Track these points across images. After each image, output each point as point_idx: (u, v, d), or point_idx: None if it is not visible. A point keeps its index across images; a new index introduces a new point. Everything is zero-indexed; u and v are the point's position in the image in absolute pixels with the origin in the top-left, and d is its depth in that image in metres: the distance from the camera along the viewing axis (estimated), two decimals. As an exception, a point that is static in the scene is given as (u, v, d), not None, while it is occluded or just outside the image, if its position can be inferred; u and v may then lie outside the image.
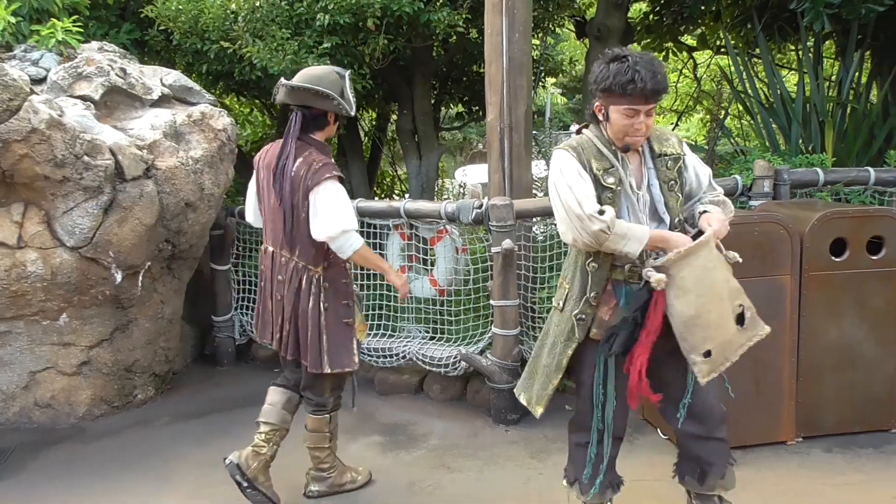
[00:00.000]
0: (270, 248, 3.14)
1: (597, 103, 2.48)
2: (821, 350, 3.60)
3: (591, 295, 2.49)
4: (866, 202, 4.35)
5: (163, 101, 4.63)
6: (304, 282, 3.05)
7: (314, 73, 3.06)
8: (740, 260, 2.45)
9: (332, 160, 3.10)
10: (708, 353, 2.35)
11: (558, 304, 2.61)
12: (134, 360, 4.46)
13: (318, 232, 2.97)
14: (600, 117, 2.48)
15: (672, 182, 2.53)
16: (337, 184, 3.00)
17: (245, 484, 3.21)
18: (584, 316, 2.51)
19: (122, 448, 3.97)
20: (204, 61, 5.17)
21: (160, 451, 3.91)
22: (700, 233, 2.45)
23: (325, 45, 4.84)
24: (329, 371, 3.09)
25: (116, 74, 4.40)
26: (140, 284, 4.33)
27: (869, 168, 4.40)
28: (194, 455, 3.86)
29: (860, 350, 3.65)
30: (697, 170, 2.65)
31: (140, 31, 5.39)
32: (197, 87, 4.89)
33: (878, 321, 3.63)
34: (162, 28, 5.13)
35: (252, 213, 3.34)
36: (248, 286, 5.24)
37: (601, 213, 2.33)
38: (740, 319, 2.42)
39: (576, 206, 2.35)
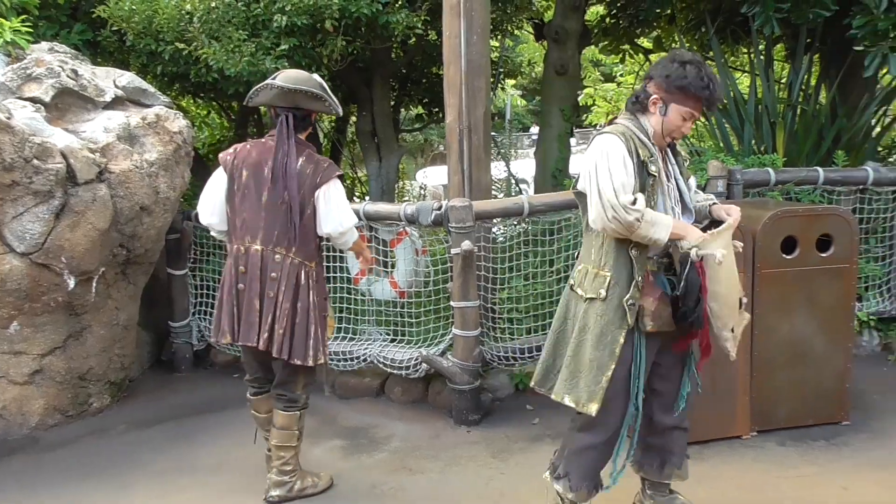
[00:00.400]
0: (257, 247, 3.11)
1: (655, 96, 2.54)
2: (773, 346, 3.68)
3: (639, 279, 2.54)
4: (815, 201, 4.47)
5: (116, 104, 4.55)
6: (301, 277, 3.13)
7: (299, 76, 3.15)
8: (741, 249, 2.67)
9: None
10: (732, 330, 2.57)
11: (598, 293, 2.57)
12: (88, 368, 4.36)
13: (330, 227, 3.13)
14: (653, 110, 2.56)
15: (686, 179, 2.71)
16: (340, 182, 3.19)
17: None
18: (634, 301, 2.54)
19: (78, 458, 3.88)
20: (159, 63, 5.08)
21: (117, 461, 3.84)
22: (712, 223, 2.62)
23: (282, 47, 4.80)
24: (312, 363, 3.15)
25: (68, 76, 4.31)
26: (94, 290, 4.24)
27: (818, 168, 4.53)
28: (153, 463, 3.79)
29: (811, 345, 3.74)
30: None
31: (92, 31, 5.28)
32: (151, 88, 4.81)
33: (827, 317, 3.73)
34: (115, 29, 5.04)
35: (215, 214, 3.27)
36: (206, 291, 5.17)
37: (634, 202, 2.42)
38: (740, 303, 2.62)
39: (611, 195, 2.43)
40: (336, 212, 3.14)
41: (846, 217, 3.76)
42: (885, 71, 4.86)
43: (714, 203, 2.76)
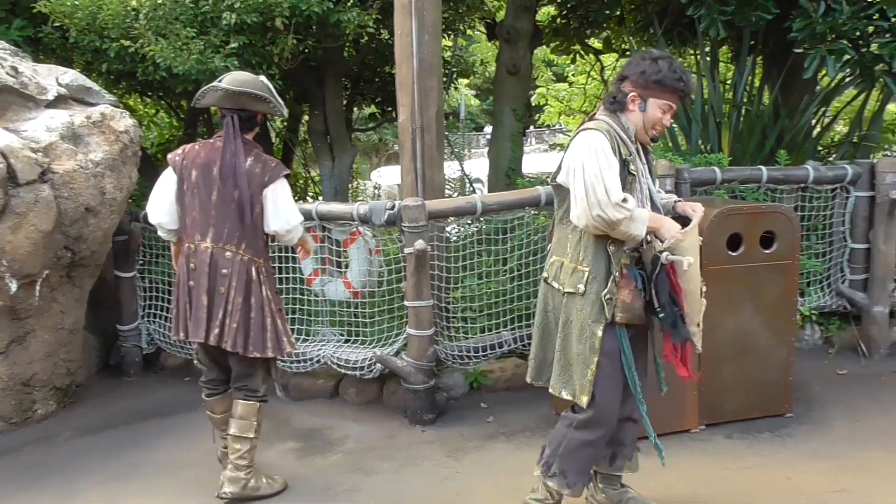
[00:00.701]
0: (206, 245, 3.17)
1: (633, 93, 2.61)
2: (720, 341, 3.77)
3: (616, 274, 2.60)
4: (759, 199, 4.59)
5: (59, 102, 4.42)
6: (252, 273, 3.20)
7: (245, 78, 3.23)
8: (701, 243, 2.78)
9: None
10: (698, 325, 2.66)
11: (576, 288, 2.64)
12: (32, 374, 4.24)
13: (278, 225, 3.22)
14: (633, 107, 2.63)
15: (654, 177, 2.78)
16: (287, 181, 3.29)
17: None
18: (611, 296, 2.60)
19: (22, 466, 3.78)
20: (104, 60, 4.96)
21: (64, 468, 3.74)
22: (676, 219, 2.67)
23: (232, 45, 4.73)
24: (272, 354, 3.23)
25: (7, 73, 4.18)
26: (37, 294, 4.12)
27: (762, 167, 4.64)
28: (101, 470, 3.71)
29: (756, 339, 3.85)
30: None
31: (33, 27, 5.12)
32: (96, 87, 4.69)
33: (771, 312, 3.84)
34: (57, 25, 4.90)
35: (165, 214, 3.30)
36: (155, 293, 5.07)
37: (625, 200, 2.47)
38: (701, 292, 2.70)
39: (602, 194, 2.47)
40: (283, 211, 3.23)
41: (788, 215, 3.88)
42: (823, 72, 5.01)
43: (678, 200, 2.84)
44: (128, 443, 4.02)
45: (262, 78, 3.28)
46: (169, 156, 3.32)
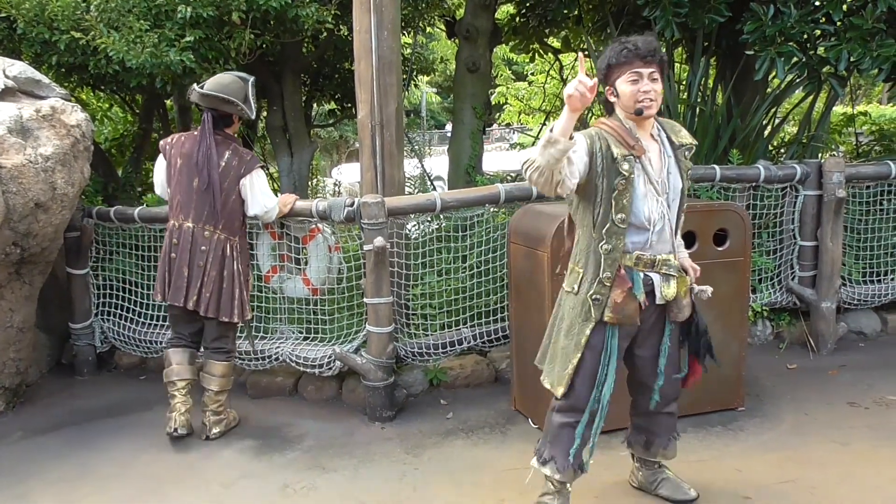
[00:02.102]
0: (188, 224, 3.76)
1: (607, 88, 2.68)
2: (675, 336, 3.84)
3: (605, 276, 2.67)
4: (713, 197, 4.69)
5: (7, 95, 4.30)
6: (227, 250, 3.80)
7: (222, 81, 3.78)
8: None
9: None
10: None
11: (572, 287, 2.77)
12: (-21, 374, 4.13)
13: (257, 209, 3.88)
14: (613, 98, 2.68)
15: (688, 170, 2.81)
16: (262, 171, 3.94)
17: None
18: (599, 297, 2.68)
19: (-32, 469, 3.68)
20: (53, 52, 4.82)
21: (14, 470, 3.65)
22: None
23: (187, 39, 4.64)
24: (237, 320, 3.86)
25: (-48, 65, 4.06)
26: (-15, 292, 4.01)
27: (715, 166, 4.74)
28: (53, 471, 3.63)
29: (710, 334, 3.91)
30: None
31: (-21, 18, 4.97)
32: (46, 80, 4.56)
33: (724, 308, 3.91)
34: (3, 15, 4.76)
35: (160, 188, 4.00)
36: (109, 290, 4.97)
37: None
38: None
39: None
40: (260, 196, 3.87)
41: (740, 213, 3.96)
42: (773, 74, 5.14)
43: (683, 255, 2.89)
44: (80, 443, 3.94)
45: (244, 78, 3.81)
46: (161, 143, 3.93)
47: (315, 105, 7.77)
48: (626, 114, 2.69)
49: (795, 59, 4.79)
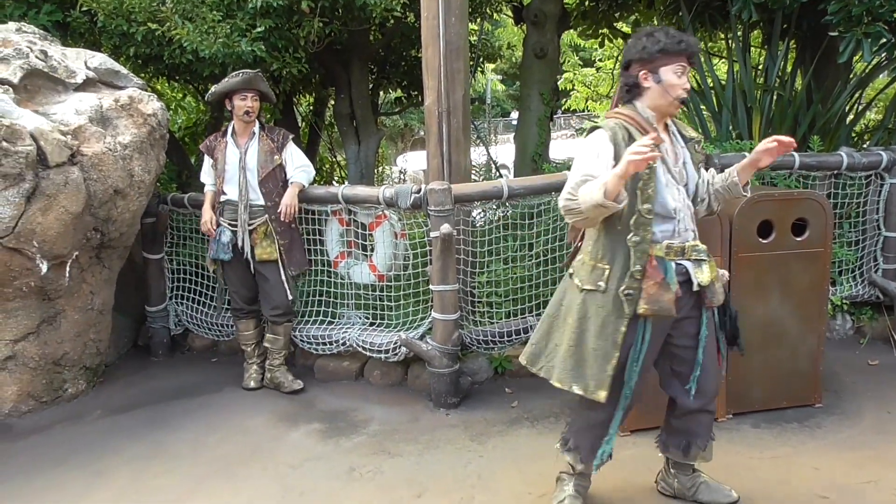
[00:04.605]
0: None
1: (643, 71, 2.60)
2: (749, 328, 3.70)
3: (635, 269, 2.59)
4: (791, 186, 4.51)
5: (88, 85, 4.46)
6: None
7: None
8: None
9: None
10: None
11: (597, 285, 2.65)
12: (63, 354, 4.31)
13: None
14: (647, 83, 2.60)
15: (700, 164, 2.79)
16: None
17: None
18: (631, 291, 2.60)
19: (52, 444, 3.84)
20: (131, 44, 4.98)
21: (92, 447, 3.80)
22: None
23: (258, 29, 4.72)
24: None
25: (37, 57, 4.22)
26: (67, 275, 4.18)
27: (794, 153, 4.55)
28: (128, 449, 3.76)
29: (785, 328, 3.78)
30: None
31: (62, 12, 5.15)
32: (124, 70, 4.72)
33: (801, 300, 3.77)
34: (85, 9, 4.92)
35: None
36: (183, 275, 5.12)
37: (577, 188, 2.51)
38: None
39: (566, 185, 2.55)
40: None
41: (821, 202, 3.80)
42: (858, 56, 4.89)
43: (735, 174, 2.79)
44: (154, 423, 4.07)
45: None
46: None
47: (381, 93, 7.80)
48: (650, 102, 2.62)
49: (884, 40, 4.53)
